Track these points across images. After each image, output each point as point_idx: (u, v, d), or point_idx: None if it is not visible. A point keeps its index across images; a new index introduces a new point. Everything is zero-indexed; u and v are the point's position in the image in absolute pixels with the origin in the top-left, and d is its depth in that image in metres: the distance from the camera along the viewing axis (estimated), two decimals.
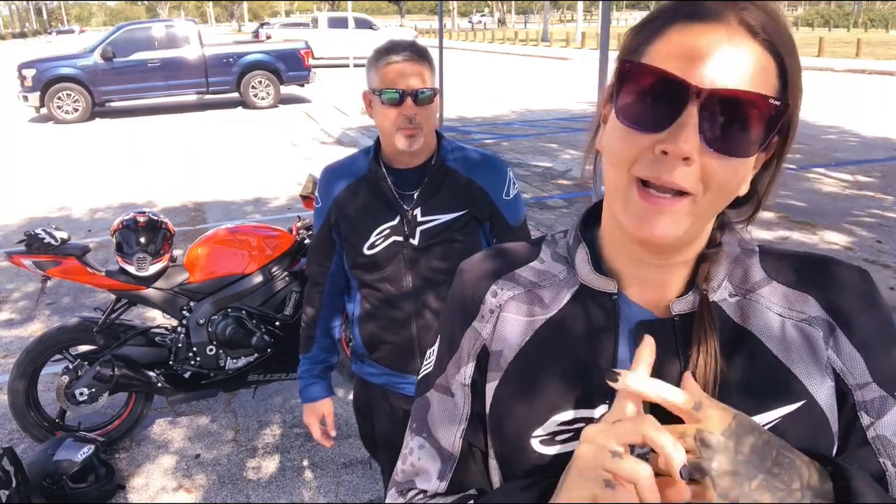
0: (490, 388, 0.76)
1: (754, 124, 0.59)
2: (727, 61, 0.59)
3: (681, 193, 0.61)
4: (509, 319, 0.76)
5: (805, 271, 0.72)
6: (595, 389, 0.69)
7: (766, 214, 6.20)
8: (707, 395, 0.60)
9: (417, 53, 1.60)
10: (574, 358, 0.71)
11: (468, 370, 0.78)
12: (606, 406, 0.68)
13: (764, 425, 0.64)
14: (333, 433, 1.91)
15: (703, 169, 0.60)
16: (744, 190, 0.66)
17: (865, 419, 0.67)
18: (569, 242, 0.78)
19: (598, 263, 0.74)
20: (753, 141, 0.60)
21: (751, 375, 0.67)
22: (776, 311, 0.70)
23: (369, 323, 1.75)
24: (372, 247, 1.67)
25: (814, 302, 0.70)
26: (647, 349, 0.61)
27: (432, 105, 1.62)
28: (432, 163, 1.67)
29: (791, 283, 0.71)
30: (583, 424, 0.68)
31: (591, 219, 0.78)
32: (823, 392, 0.67)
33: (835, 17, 46.89)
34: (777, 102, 0.59)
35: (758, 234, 5.70)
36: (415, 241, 1.66)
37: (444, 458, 0.79)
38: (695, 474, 0.55)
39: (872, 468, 0.67)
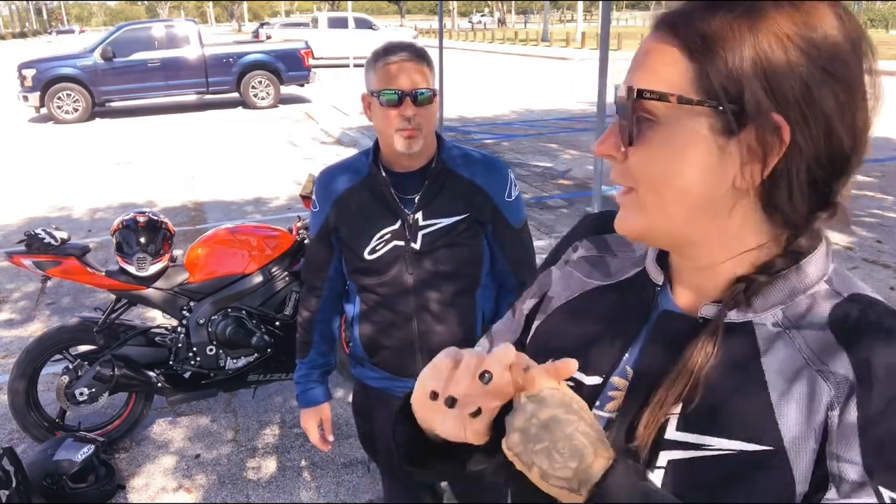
0: (534, 326, 0.85)
1: (660, 119, 0.62)
2: (640, 63, 0.64)
3: (630, 189, 0.66)
4: (572, 275, 0.83)
5: (866, 328, 0.62)
6: (599, 362, 0.74)
7: None
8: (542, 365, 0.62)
9: (416, 54, 1.58)
10: (599, 328, 0.76)
11: (530, 304, 0.88)
12: (600, 378, 0.73)
13: (716, 450, 0.63)
14: (331, 438, 1.89)
15: (629, 165, 0.65)
16: (699, 184, 0.62)
17: (832, 492, 0.60)
18: None
19: (666, 255, 0.76)
20: (662, 138, 0.62)
21: (732, 401, 0.64)
22: (805, 354, 0.63)
23: (369, 326, 1.72)
24: (373, 251, 1.64)
25: (846, 360, 0.61)
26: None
27: (432, 106, 1.59)
28: (433, 165, 1.64)
29: (841, 334, 0.62)
30: (573, 384, 0.73)
31: None
32: (798, 448, 0.61)
33: None
34: (656, 97, 0.61)
35: None
36: (416, 246, 1.63)
37: None
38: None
39: None
